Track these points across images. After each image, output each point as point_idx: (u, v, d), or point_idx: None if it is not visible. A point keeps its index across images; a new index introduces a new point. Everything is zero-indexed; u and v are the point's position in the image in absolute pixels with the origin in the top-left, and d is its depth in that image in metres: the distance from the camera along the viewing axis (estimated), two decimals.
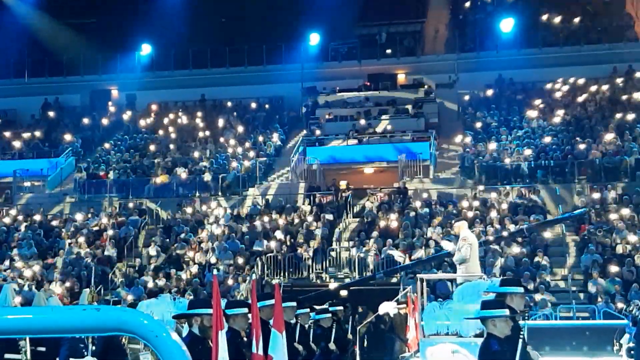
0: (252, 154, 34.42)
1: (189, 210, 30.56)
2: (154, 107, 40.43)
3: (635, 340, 12.22)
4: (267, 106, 39.83)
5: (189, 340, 7.09)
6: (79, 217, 30.87)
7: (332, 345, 13.31)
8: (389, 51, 40.90)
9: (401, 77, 40.22)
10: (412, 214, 28.12)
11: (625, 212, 26.58)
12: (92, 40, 40.15)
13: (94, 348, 10.00)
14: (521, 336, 7.36)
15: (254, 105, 39.80)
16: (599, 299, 22.52)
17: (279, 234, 27.85)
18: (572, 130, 32.71)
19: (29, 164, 35.61)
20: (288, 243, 27.47)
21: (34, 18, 41.67)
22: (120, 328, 2.75)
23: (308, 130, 36.39)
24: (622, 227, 25.61)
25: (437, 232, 26.16)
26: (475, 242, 14.53)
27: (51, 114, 41.03)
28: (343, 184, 32.29)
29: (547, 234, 26.36)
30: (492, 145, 32.19)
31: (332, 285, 23.55)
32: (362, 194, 31.63)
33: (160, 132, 37.92)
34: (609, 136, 30.90)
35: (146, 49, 42.02)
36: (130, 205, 31.72)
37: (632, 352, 11.69)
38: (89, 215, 31.02)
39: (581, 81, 36.60)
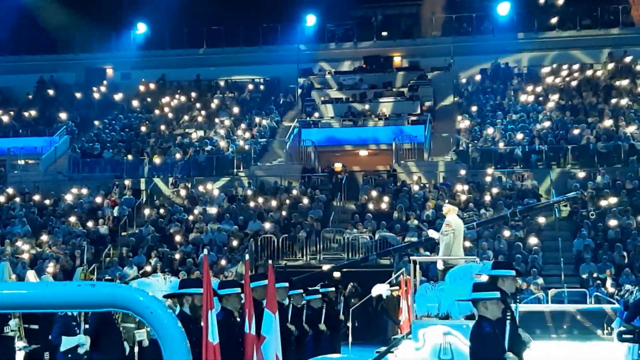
0: (247, 135, 34.38)
1: (183, 190, 30.54)
2: (149, 86, 40.28)
3: (624, 324, 12.32)
4: (262, 87, 39.71)
5: (180, 319, 7.11)
6: (72, 196, 30.83)
7: (322, 326, 13.38)
8: (385, 33, 40.75)
9: (397, 60, 40.11)
10: (406, 196, 28.22)
11: (618, 197, 26.66)
12: (87, 18, 39.85)
13: (87, 326, 10.01)
14: (508, 317, 7.36)
15: (249, 86, 39.68)
16: (590, 283, 22.64)
17: (273, 215, 27.88)
18: (567, 115, 32.74)
19: (23, 142, 35.52)
20: (282, 224, 27.50)
21: None
22: (115, 304, 2.77)
23: (303, 112, 36.33)
24: (614, 211, 25.72)
25: (431, 215, 26.23)
26: (460, 228, 14.42)
27: (46, 92, 40.85)
28: (338, 166, 32.30)
29: (540, 219, 26.41)
30: (487, 130, 32.21)
31: (326, 266, 23.59)
32: (356, 177, 31.65)
33: (155, 111, 37.81)
34: (607, 122, 30.91)
35: (141, 28, 41.78)
36: (125, 184, 31.68)
37: (623, 335, 11.75)
38: (83, 194, 30.98)
39: (576, 66, 36.62)
